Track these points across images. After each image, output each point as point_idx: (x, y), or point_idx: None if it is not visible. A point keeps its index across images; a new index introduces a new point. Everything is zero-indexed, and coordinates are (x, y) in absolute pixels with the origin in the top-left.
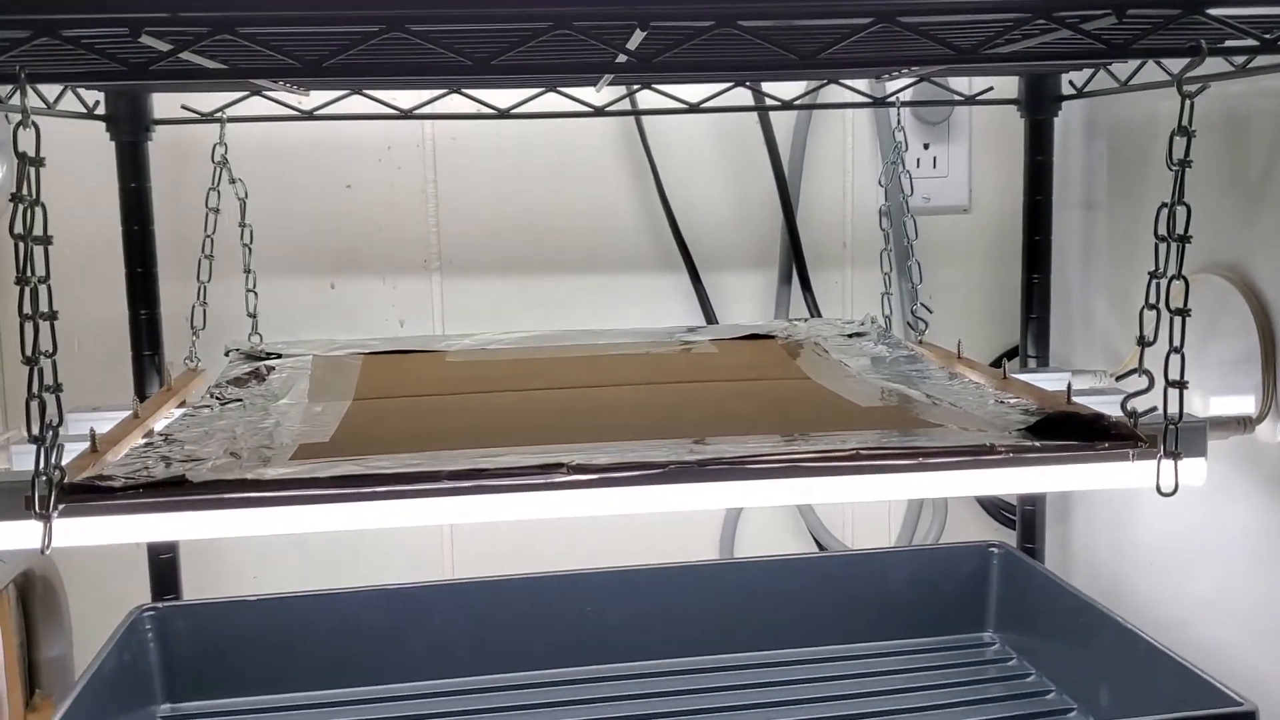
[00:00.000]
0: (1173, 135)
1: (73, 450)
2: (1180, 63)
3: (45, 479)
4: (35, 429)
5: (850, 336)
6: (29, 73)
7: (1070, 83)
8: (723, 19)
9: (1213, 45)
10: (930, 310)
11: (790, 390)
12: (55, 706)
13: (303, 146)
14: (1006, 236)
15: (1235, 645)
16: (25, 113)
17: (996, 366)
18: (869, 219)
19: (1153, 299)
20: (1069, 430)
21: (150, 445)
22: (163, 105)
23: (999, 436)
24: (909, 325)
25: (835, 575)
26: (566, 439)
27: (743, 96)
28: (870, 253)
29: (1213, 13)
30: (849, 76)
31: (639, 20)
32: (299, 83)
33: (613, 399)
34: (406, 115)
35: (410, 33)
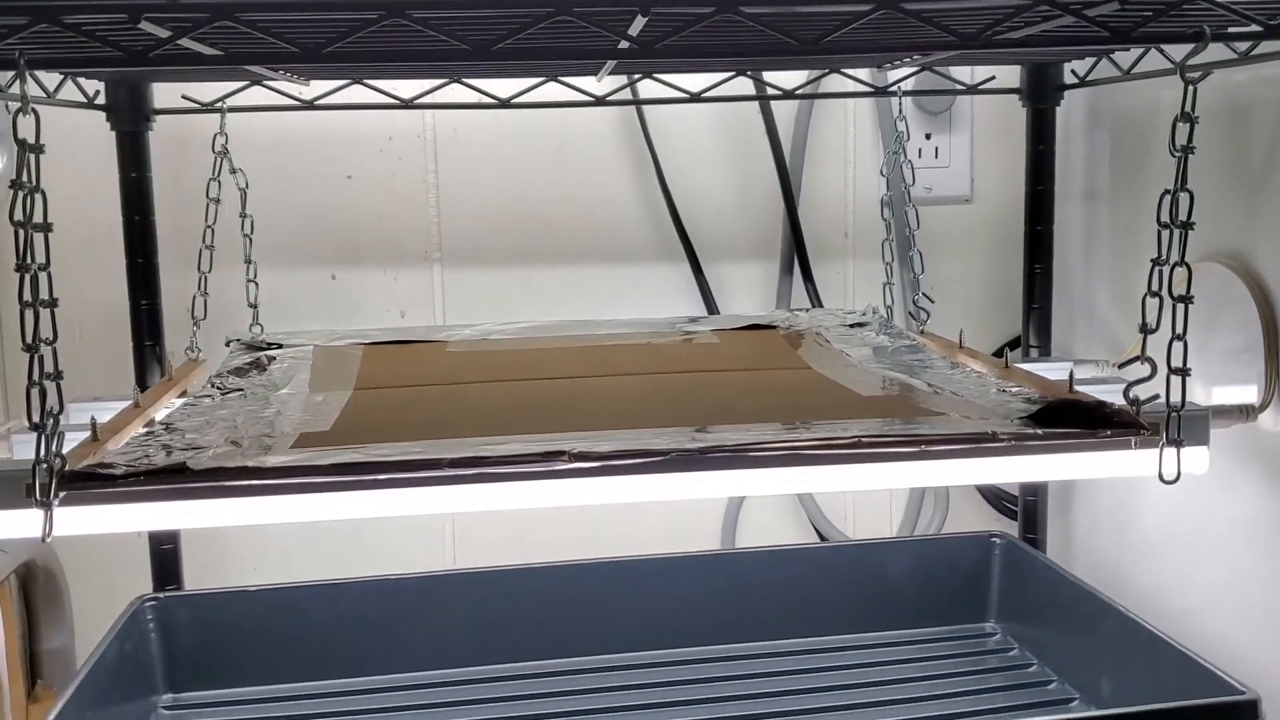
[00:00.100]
0: (1175, 121)
1: (73, 439)
2: (1183, 50)
3: (46, 467)
4: (36, 416)
5: (852, 327)
6: (29, 59)
7: (1072, 71)
8: (724, 4)
9: (1216, 31)
10: (932, 300)
11: (792, 380)
12: (57, 697)
13: (303, 137)
14: (1008, 226)
15: (1237, 634)
16: (25, 99)
17: (998, 356)
18: (870, 209)
19: (1155, 286)
20: (1071, 418)
21: (151, 434)
22: (163, 95)
23: (1001, 424)
24: (911, 315)
25: (837, 565)
26: (568, 428)
27: (744, 86)
28: (872, 243)
29: None
30: (851, 65)
31: (640, 6)
32: (299, 70)
33: (614, 389)
34: (407, 105)
35: (410, 19)
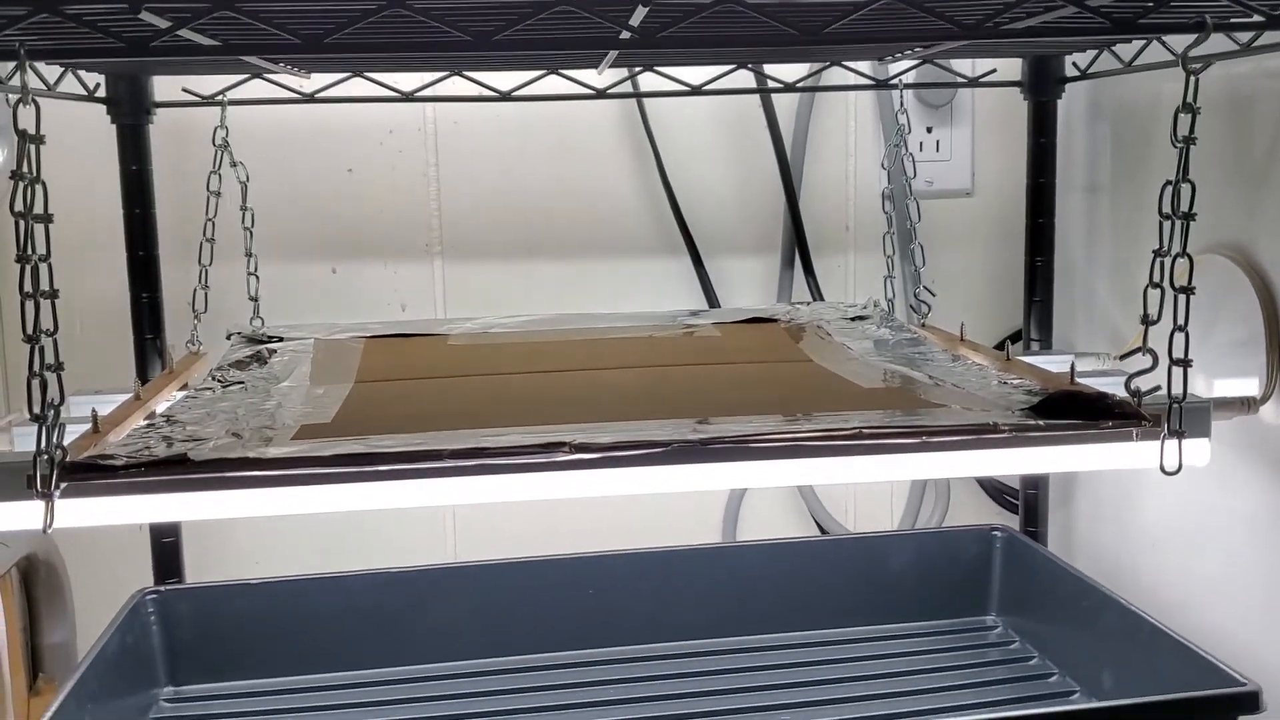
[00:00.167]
0: (1177, 112)
1: (74, 432)
2: (1185, 42)
3: (47, 458)
4: (36, 408)
5: (853, 320)
6: (29, 49)
7: (1074, 64)
8: None
9: (1217, 21)
10: (933, 294)
11: (793, 373)
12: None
13: (304, 130)
14: (1009, 220)
15: (1238, 627)
16: (25, 89)
17: (999, 350)
18: (872, 202)
19: (1157, 277)
20: (1072, 409)
21: (152, 426)
22: (163, 89)
23: (1002, 416)
24: (912, 309)
25: (839, 559)
26: (569, 420)
27: (745, 79)
28: (873, 236)
29: None
30: (852, 56)
31: None
32: (299, 62)
33: (615, 382)
34: (408, 98)
35: (411, 9)
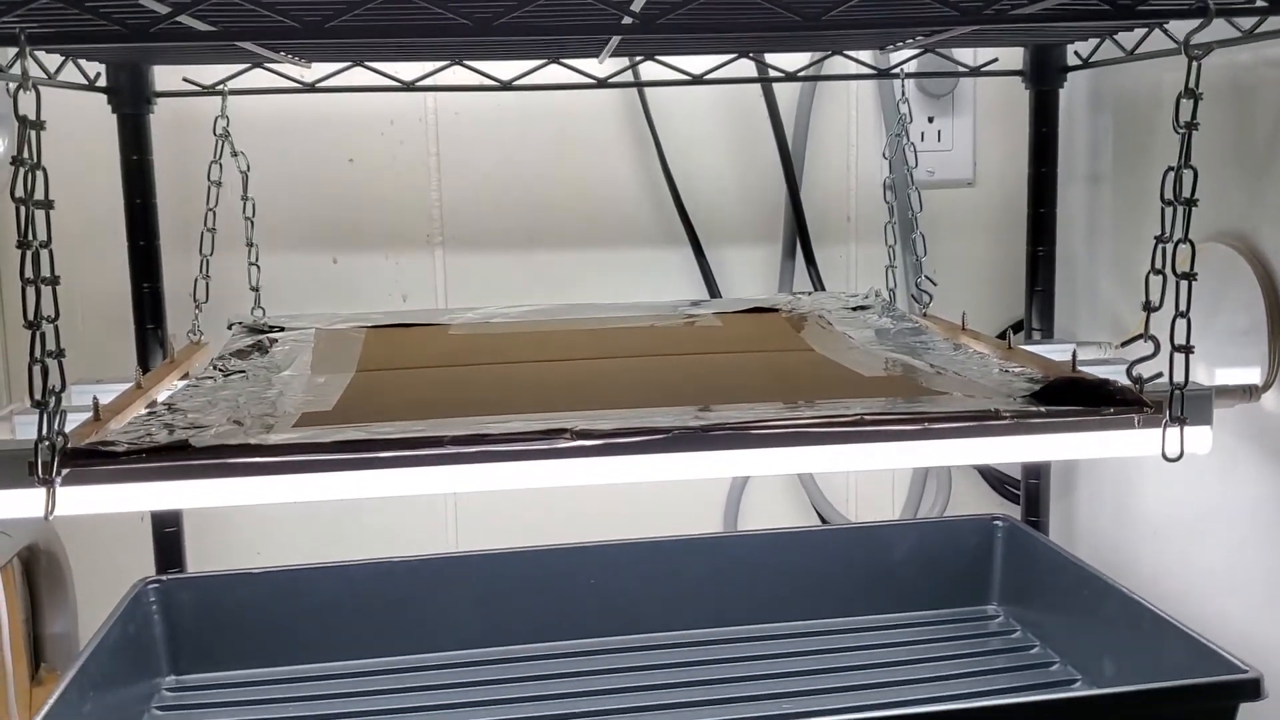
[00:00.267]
0: (1179, 98)
1: (75, 420)
2: (1187, 29)
3: (48, 444)
4: (38, 394)
5: (854, 309)
6: (29, 34)
7: (1075, 53)
8: None
9: (1220, 6)
10: (934, 283)
11: (794, 362)
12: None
13: (305, 120)
14: (1011, 209)
15: (1240, 614)
16: (25, 75)
17: (1001, 339)
18: (873, 192)
19: (1159, 264)
20: (1074, 396)
21: (153, 414)
22: (164, 78)
23: (1004, 403)
24: (913, 298)
25: (840, 548)
26: (570, 409)
27: (746, 68)
28: (874, 226)
29: None
30: (853, 43)
31: None
32: (300, 50)
33: (616, 371)
34: (409, 87)
35: None
